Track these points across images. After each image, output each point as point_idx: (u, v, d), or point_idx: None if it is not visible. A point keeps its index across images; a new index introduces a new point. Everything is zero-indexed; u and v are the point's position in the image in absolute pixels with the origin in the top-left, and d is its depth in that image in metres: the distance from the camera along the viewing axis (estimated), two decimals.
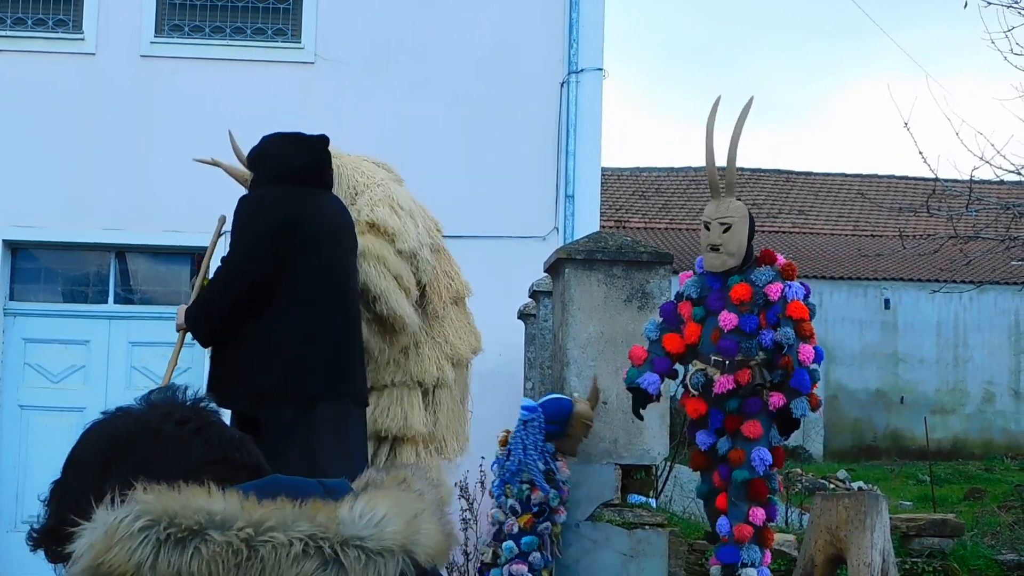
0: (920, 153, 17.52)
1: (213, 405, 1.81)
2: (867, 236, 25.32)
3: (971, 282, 17.87)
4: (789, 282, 6.84)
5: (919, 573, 8.73)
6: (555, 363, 8.89)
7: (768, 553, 7.00)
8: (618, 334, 8.29)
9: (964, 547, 9.20)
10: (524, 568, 8.08)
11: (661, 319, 7.17)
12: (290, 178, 5.60)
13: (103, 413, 1.81)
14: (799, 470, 16.93)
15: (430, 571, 1.52)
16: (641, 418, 7.18)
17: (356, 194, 6.62)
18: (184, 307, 5.88)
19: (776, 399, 6.71)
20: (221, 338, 5.66)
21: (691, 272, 7.22)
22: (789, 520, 10.76)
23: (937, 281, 19.44)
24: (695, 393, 6.90)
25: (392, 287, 6.34)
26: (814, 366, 6.71)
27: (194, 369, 11.43)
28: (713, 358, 6.86)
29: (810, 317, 6.80)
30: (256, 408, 5.38)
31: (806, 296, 6.85)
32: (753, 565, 6.89)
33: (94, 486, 1.67)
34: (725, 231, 6.90)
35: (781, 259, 6.99)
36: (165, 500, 1.44)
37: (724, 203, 6.97)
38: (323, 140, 5.87)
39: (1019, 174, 11.45)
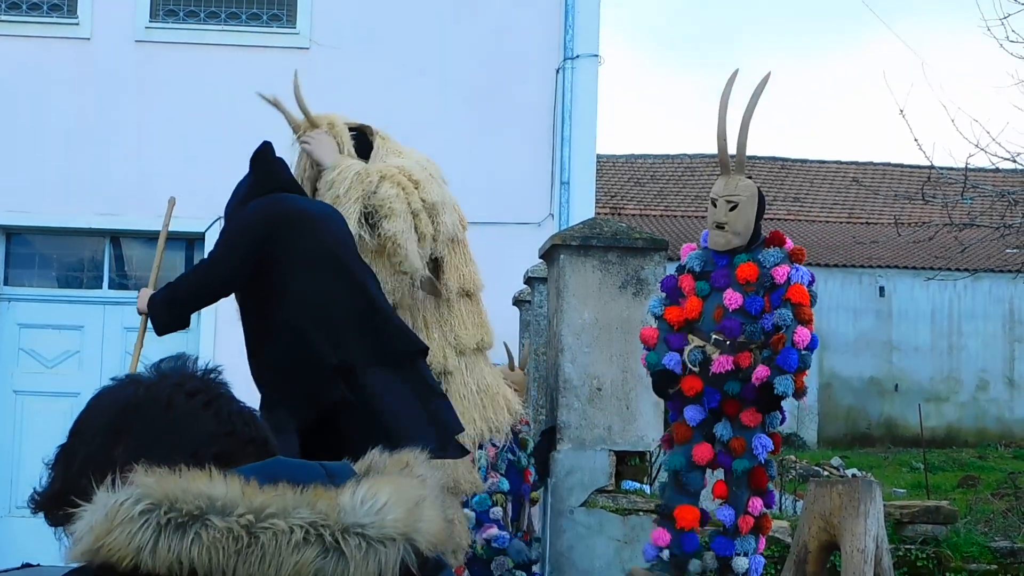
0: (915, 140, 17.54)
1: (223, 376, 1.78)
2: (862, 223, 25.33)
3: (966, 270, 17.88)
4: (796, 265, 6.67)
5: (912, 560, 8.75)
6: (550, 349, 8.89)
7: (763, 540, 6.92)
8: (613, 320, 8.30)
9: (957, 534, 9.22)
10: (495, 529, 8.16)
11: (664, 294, 6.97)
12: (259, 193, 5.55)
13: (113, 379, 1.80)
14: (793, 457, 16.97)
15: (432, 559, 1.51)
16: (669, 398, 6.91)
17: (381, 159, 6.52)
18: (146, 291, 5.80)
19: (761, 371, 6.49)
20: (174, 330, 5.65)
21: (695, 245, 7.02)
22: (783, 507, 10.79)
23: (932, 269, 19.46)
24: (693, 370, 6.68)
25: (406, 216, 6.12)
26: (806, 352, 6.54)
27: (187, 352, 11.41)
28: (714, 336, 6.65)
29: (811, 304, 6.65)
30: (336, 386, 5.29)
31: (811, 283, 6.71)
32: (746, 554, 6.77)
33: (101, 455, 1.66)
34: (732, 209, 6.70)
35: (790, 243, 6.82)
36: (166, 484, 1.43)
37: (733, 181, 6.77)
38: (262, 147, 5.85)
39: (1014, 161, 11.44)
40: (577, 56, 12.44)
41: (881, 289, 22.79)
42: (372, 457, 1.63)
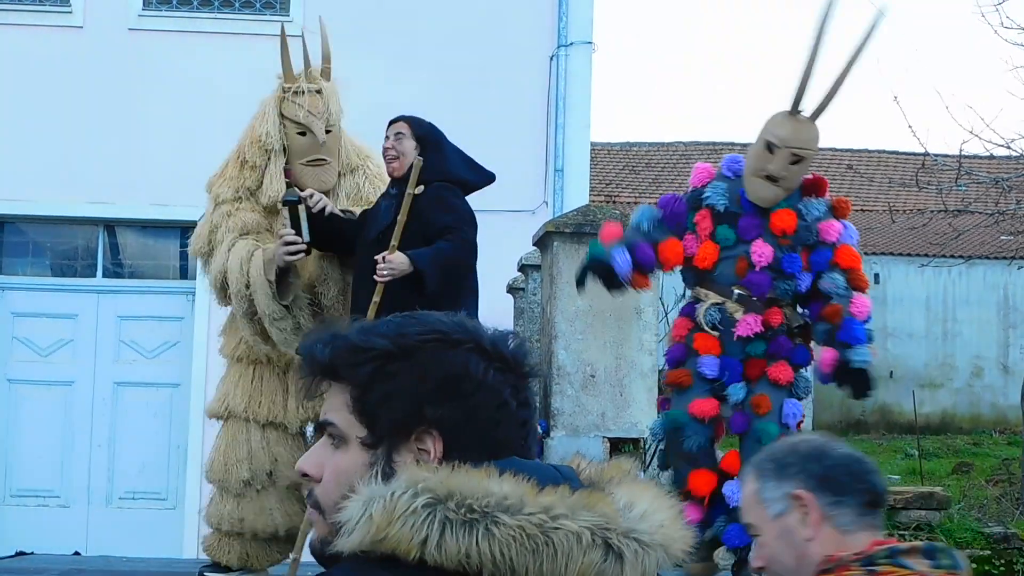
0: (909, 127, 17.55)
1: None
2: (857, 211, 25.27)
3: (960, 257, 17.89)
4: (845, 222, 5.63)
5: None
6: (543, 337, 8.90)
7: None
8: (606, 307, 8.30)
9: (951, 520, 9.26)
10: None
11: (660, 213, 5.76)
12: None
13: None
14: None
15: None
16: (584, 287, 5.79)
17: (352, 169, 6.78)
18: (399, 254, 5.88)
19: (827, 355, 5.49)
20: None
21: (711, 168, 5.86)
22: None
23: (926, 256, 19.46)
24: (715, 333, 5.63)
25: None
26: (869, 325, 5.58)
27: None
28: (737, 292, 5.58)
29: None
30: None
31: (856, 242, 5.72)
32: None
33: (414, 404, 1.55)
34: (794, 163, 5.57)
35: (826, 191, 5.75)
36: (450, 479, 1.43)
37: (805, 129, 5.62)
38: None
39: (1009, 148, 11.46)
40: (571, 43, 12.42)
41: (876, 276, 22.77)
42: (578, 461, 1.62)
